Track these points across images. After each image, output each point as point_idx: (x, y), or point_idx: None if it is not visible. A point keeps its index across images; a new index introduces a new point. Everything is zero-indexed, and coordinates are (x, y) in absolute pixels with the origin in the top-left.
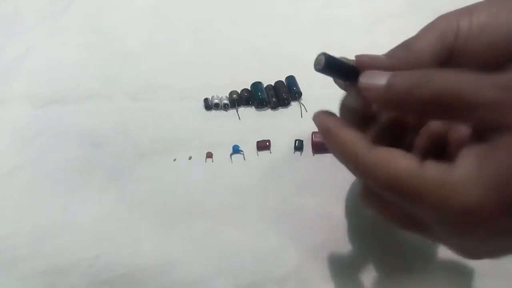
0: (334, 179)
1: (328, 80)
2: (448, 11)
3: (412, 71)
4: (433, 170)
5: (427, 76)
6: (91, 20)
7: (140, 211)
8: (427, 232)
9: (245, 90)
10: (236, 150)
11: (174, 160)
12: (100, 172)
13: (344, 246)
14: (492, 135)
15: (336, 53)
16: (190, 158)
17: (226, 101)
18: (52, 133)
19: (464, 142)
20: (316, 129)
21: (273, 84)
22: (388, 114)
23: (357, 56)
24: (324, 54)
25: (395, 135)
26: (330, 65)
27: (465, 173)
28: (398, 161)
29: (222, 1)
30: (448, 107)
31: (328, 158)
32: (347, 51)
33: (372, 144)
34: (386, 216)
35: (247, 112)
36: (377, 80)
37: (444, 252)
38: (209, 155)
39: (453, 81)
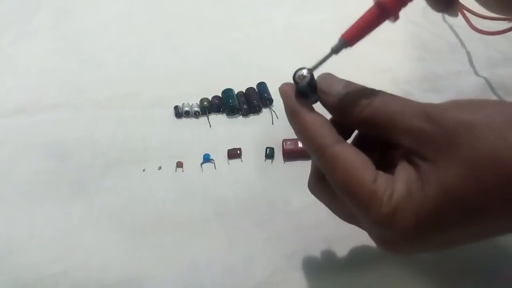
0: (305, 187)
1: None
2: (415, 16)
3: (361, 88)
4: (381, 187)
5: (370, 96)
6: (58, 26)
7: (109, 224)
8: (361, 227)
9: (216, 97)
10: (206, 159)
11: (143, 170)
12: (67, 185)
13: (314, 254)
14: (417, 159)
15: (307, 59)
16: (159, 168)
17: (196, 109)
18: (17, 145)
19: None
20: (287, 137)
21: (244, 91)
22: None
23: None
24: (309, 72)
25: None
26: (310, 85)
27: (399, 199)
28: (357, 168)
29: (192, 7)
30: (381, 128)
31: (299, 166)
32: (318, 57)
33: (340, 137)
34: (330, 207)
35: (218, 119)
36: (333, 87)
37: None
38: (179, 164)
39: (390, 105)
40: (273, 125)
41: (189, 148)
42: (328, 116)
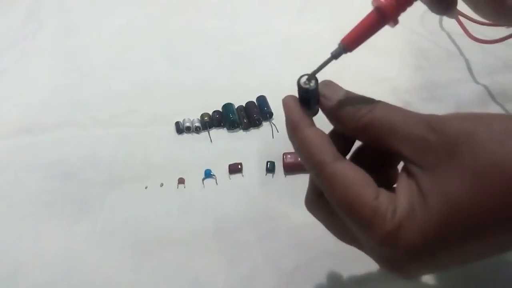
0: (303, 198)
1: None
2: (412, 24)
3: (362, 97)
4: (384, 204)
5: (371, 104)
6: (60, 44)
7: (112, 243)
8: (363, 250)
9: (216, 112)
10: (208, 174)
11: (146, 188)
12: (71, 204)
13: (317, 269)
14: (417, 170)
15: (307, 71)
16: (161, 185)
17: (197, 124)
18: (21, 165)
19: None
20: (287, 150)
21: (244, 105)
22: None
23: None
24: (312, 76)
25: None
26: (315, 90)
27: (403, 215)
28: (358, 186)
29: (191, 21)
30: (381, 136)
31: (300, 179)
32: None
33: (340, 155)
34: (328, 226)
35: (219, 134)
36: (335, 92)
37: None
38: (181, 181)
39: (391, 114)
40: (273, 139)
41: (190, 164)
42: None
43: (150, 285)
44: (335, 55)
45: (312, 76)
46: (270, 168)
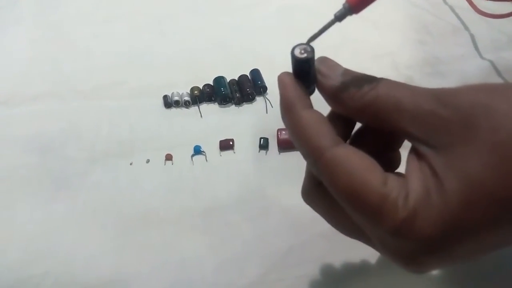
0: (301, 179)
1: None
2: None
3: (362, 74)
4: (394, 190)
5: (373, 81)
6: (41, 13)
7: (94, 221)
8: (370, 244)
9: (207, 85)
10: (197, 150)
11: (131, 164)
12: (50, 180)
13: (311, 251)
14: (429, 151)
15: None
16: (148, 161)
17: (187, 98)
18: None
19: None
20: (281, 126)
21: (236, 78)
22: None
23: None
24: (309, 44)
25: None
26: (311, 62)
27: (417, 200)
28: (364, 171)
29: None
30: (385, 115)
31: (295, 156)
32: (313, 42)
33: (340, 139)
34: (328, 219)
35: (210, 109)
36: (334, 69)
37: None
38: (169, 157)
39: (396, 90)
40: (267, 114)
41: (179, 140)
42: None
43: (133, 266)
44: (339, 17)
45: (309, 43)
46: (264, 144)
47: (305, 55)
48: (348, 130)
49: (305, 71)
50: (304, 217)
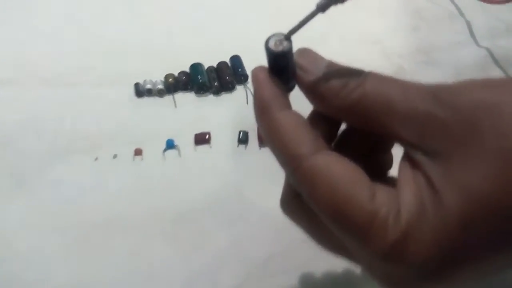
0: (283, 178)
1: None
2: None
3: (348, 68)
4: (383, 205)
5: (360, 76)
6: None
7: (52, 225)
8: (357, 264)
9: (183, 73)
10: (170, 145)
11: (96, 159)
12: (3, 177)
13: (294, 259)
14: (424, 159)
15: (288, 28)
16: (115, 156)
17: (160, 86)
18: None
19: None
20: None
21: (215, 65)
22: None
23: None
24: (287, 37)
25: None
26: (288, 55)
27: (410, 219)
28: (348, 184)
29: None
30: (374, 115)
31: None
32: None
33: (322, 144)
34: (309, 233)
35: (186, 98)
36: (315, 63)
37: None
38: (138, 152)
39: (386, 87)
40: (247, 105)
41: (150, 133)
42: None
43: (94, 276)
44: (322, 6)
45: (288, 36)
46: (243, 138)
47: (281, 48)
48: (334, 130)
49: (282, 66)
50: (285, 221)
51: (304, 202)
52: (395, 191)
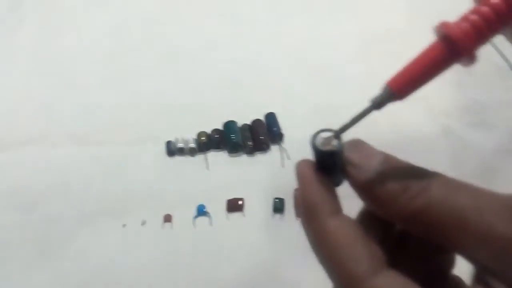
0: None
1: (318, 118)
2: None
3: (407, 166)
4: None
5: (423, 178)
6: (40, 42)
7: None
8: None
9: (216, 131)
10: (201, 211)
11: (124, 226)
12: (29, 243)
13: None
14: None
15: (326, 83)
16: (143, 223)
17: (193, 145)
18: None
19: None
20: None
21: (249, 123)
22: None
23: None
24: (337, 135)
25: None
26: (337, 155)
27: None
28: None
29: (190, 24)
30: (440, 229)
31: None
32: (337, 78)
33: (379, 259)
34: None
35: (218, 158)
36: (369, 159)
37: None
38: (168, 218)
39: (456, 195)
40: (283, 168)
41: (180, 197)
42: None
43: None
44: (377, 104)
45: (337, 134)
46: (278, 206)
47: (329, 147)
48: (388, 230)
49: (331, 164)
50: None
51: None
52: None
